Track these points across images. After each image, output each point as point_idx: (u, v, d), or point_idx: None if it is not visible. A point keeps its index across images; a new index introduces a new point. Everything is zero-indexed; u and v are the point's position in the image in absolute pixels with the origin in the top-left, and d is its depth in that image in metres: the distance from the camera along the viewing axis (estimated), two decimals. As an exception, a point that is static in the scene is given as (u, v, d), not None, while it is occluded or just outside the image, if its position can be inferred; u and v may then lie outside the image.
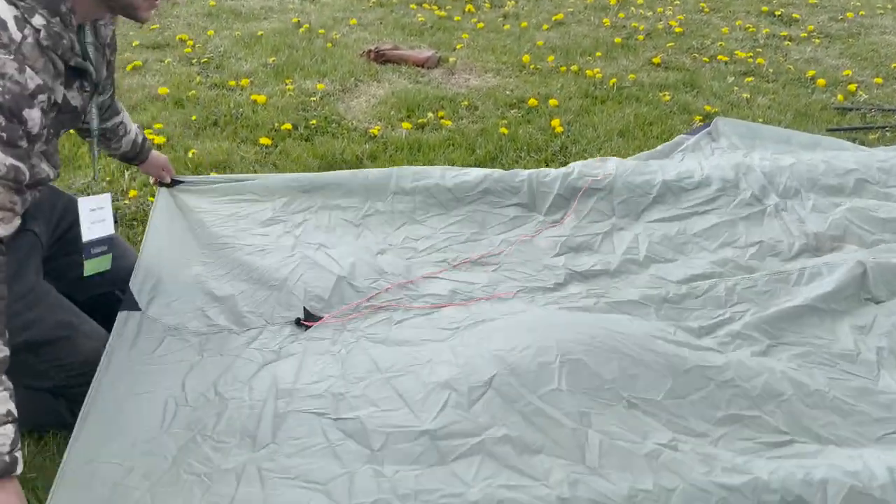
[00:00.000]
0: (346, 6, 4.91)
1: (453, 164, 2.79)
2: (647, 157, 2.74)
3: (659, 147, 2.82)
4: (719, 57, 4.13)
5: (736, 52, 4.22)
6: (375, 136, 3.02)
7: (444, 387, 1.53)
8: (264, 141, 2.88)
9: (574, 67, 3.86)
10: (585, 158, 2.85)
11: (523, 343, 1.62)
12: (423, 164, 2.77)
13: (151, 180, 2.13)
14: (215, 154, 2.77)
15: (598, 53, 4.10)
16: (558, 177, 2.40)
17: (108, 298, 1.71)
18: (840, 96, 3.59)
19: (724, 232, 2.31)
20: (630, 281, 2.10)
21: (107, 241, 1.67)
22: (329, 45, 4.09)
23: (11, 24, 1.18)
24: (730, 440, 1.51)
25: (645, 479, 1.37)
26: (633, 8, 5.06)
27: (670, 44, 4.30)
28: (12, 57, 1.17)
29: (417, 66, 3.81)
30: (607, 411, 1.52)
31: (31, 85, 1.21)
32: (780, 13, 5.04)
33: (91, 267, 1.65)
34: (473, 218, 2.29)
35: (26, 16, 1.21)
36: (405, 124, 3.09)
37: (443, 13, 4.76)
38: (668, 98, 3.51)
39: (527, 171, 2.43)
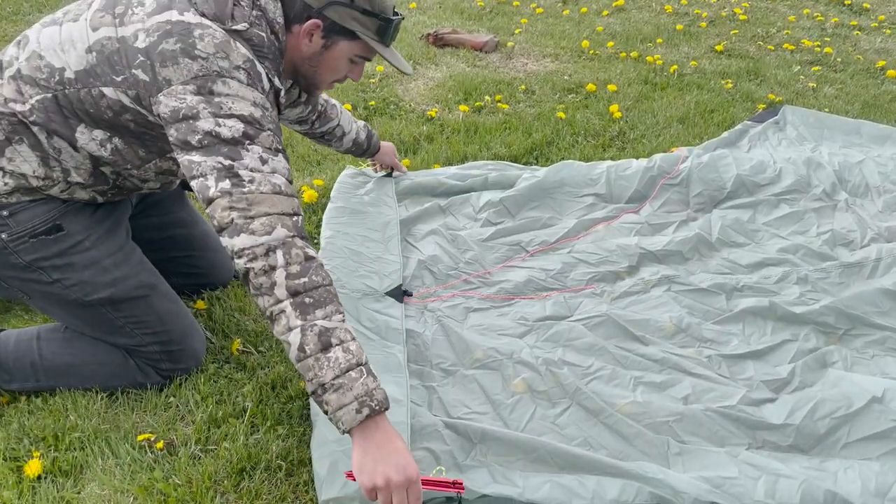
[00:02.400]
0: (405, -10, 4.94)
1: (510, 147, 2.79)
2: (714, 144, 2.71)
3: (724, 134, 2.78)
4: (785, 45, 4.02)
5: (803, 40, 4.10)
6: (433, 119, 3.04)
7: (530, 399, 1.61)
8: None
9: (634, 54, 3.81)
10: (643, 144, 2.84)
11: (597, 366, 1.70)
12: (479, 147, 2.79)
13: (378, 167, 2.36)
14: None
15: (659, 40, 4.03)
16: (639, 170, 2.42)
17: (181, 260, 1.82)
18: (912, 87, 3.47)
19: (796, 221, 2.30)
20: (702, 264, 2.11)
21: None
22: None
23: (265, 78, 1.35)
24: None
25: (729, 469, 1.40)
26: (696, -6, 4.96)
27: (734, 31, 4.21)
28: (268, 99, 1.34)
29: (476, 49, 3.82)
30: (686, 420, 1.55)
31: (276, 123, 1.36)
32: (849, 2, 4.87)
33: None
34: (550, 205, 2.32)
35: (269, 76, 1.37)
36: (462, 107, 3.11)
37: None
38: (730, 86, 3.44)
39: (605, 164, 2.46)
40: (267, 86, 1.34)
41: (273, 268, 1.21)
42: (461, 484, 1.26)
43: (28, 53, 1.36)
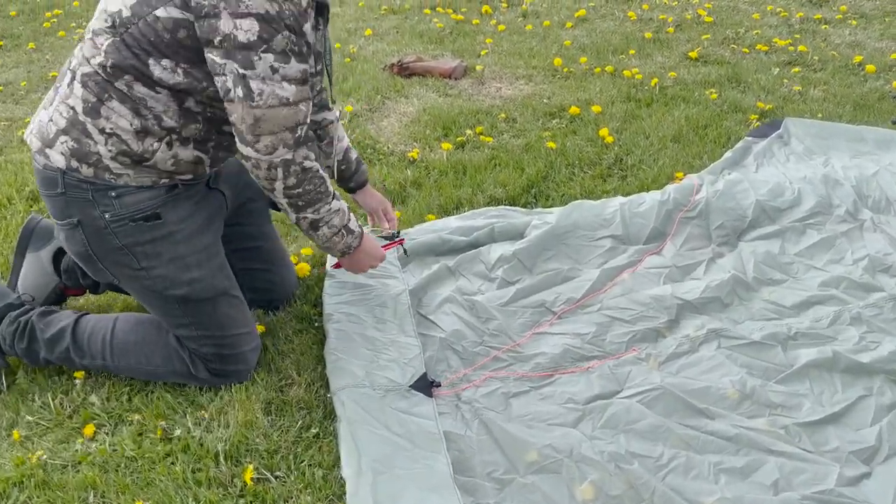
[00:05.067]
0: (357, 16, 4.69)
1: (504, 187, 2.59)
2: (720, 166, 2.56)
3: (728, 154, 2.63)
4: (758, 46, 3.92)
5: (774, 39, 4.01)
6: (415, 160, 2.81)
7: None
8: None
9: (609, 68, 3.65)
10: (644, 171, 2.67)
11: (668, 454, 1.51)
12: (472, 190, 2.57)
13: (367, 225, 2.08)
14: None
15: (632, 51, 3.89)
16: (654, 205, 2.24)
17: (258, 274, 1.89)
18: (895, 83, 3.39)
19: (828, 248, 2.15)
20: (745, 309, 1.95)
21: None
22: (347, 59, 3.88)
23: None
24: None
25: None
26: (655, -2, 4.84)
27: (705, 36, 4.09)
28: None
29: (444, 77, 3.60)
30: None
31: (304, 3, 1.37)
32: (808, -6, 4.83)
33: None
34: (566, 253, 2.11)
35: None
36: (444, 145, 2.89)
37: (459, 17, 4.54)
38: (715, 96, 3.31)
39: (617, 201, 2.28)
40: None
41: (273, 179, 1.46)
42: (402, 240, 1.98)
43: (97, 14, 1.43)
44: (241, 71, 1.33)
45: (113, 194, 1.48)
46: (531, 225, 2.22)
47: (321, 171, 1.53)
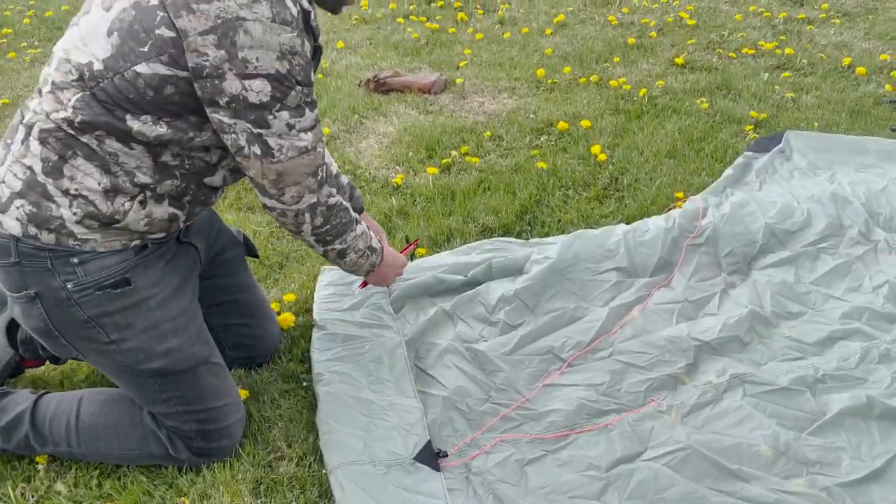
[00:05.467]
0: (327, 27, 4.50)
1: (497, 214, 2.44)
2: (722, 185, 2.44)
3: (728, 172, 2.51)
4: (745, 50, 3.81)
5: (760, 42, 3.91)
6: (399, 187, 2.65)
7: None
8: (276, 206, 2.49)
9: (594, 77, 3.52)
10: (641, 192, 2.54)
11: None
12: (463, 218, 2.42)
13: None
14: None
15: (616, 59, 3.76)
16: (658, 233, 2.10)
17: (238, 329, 1.74)
18: (889, 86, 3.30)
19: (844, 275, 2.03)
20: (765, 348, 1.82)
21: None
22: (320, 75, 3.69)
23: (290, 3, 1.22)
24: None
25: None
26: (635, 0, 4.72)
27: (690, 40, 3.97)
28: (296, 33, 1.22)
29: (423, 92, 3.44)
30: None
31: (309, 55, 1.30)
32: (788, -8, 4.75)
33: None
34: (570, 289, 1.97)
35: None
36: (430, 169, 2.73)
37: (435, 25, 4.38)
38: (706, 105, 3.19)
39: (620, 229, 2.14)
40: (295, 11, 1.23)
41: (301, 224, 1.44)
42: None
43: (56, 62, 1.28)
44: (256, 130, 1.27)
45: (75, 261, 1.32)
46: (531, 259, 2.07)
47: (344, 203, 1.50)
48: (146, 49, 1.20)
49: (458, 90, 3.48)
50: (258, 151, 1.29)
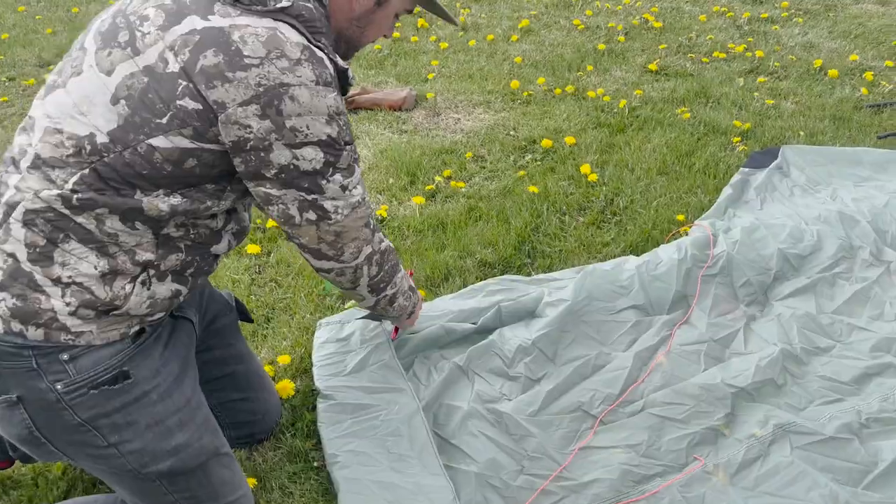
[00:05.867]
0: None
1: (494, 246, 2.29)
2: (724, 206, 2.36)
3: (728, 192, 2.43)
4: (716, 54, 3.76)
5: (729, 45, 3.86)
6: (385, 219, 2.47)
7: None
8: (253, 249, 2.30)
9: (570, 88, 3.40)
10: (639, 214, 2.44)
11: None
12: (456, 251, 2.27)
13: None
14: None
15: (589, 67, 3.65)
16: (671, 266, 2.01)
17: (237, 405, 1.57)
18: (864, 90, 3.28)
19: (864, 302, 1.97)
20: (801, 390, 1.75)
21: None
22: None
23: (327, 62, 1.15)
24: None
25: None
26: (597, 2, 4.63)
27: (661, 45, 3.90)
28: (337, 92, 1.16)
29: (394, 109, 3.26)
30: None
31: (343, 105, 1.20)
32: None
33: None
34: (588, 333, 1.85)
35: (330, 56, 1.19)
36: (416, 198, 2.56)
37: (396, 34, 4.20)
38: (688, 115, 3.11)
39: (632, 263, 2.04)
40: (332, 68, 1.15)
41: (358, 278, 1.38)
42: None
43: (41, 132, 1.10)
44: (311, 197, 1.19)
45: (65, 357, 1.14)
46: (543, 301, 1.94)
47: (390, 243, 1.46)
48: (164, 121, 1.06)
49: (430, 106, 3.31)
50: (313, 217, 1.21)
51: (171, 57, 1.05)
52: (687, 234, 2.27)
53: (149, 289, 1.17)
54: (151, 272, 1.17)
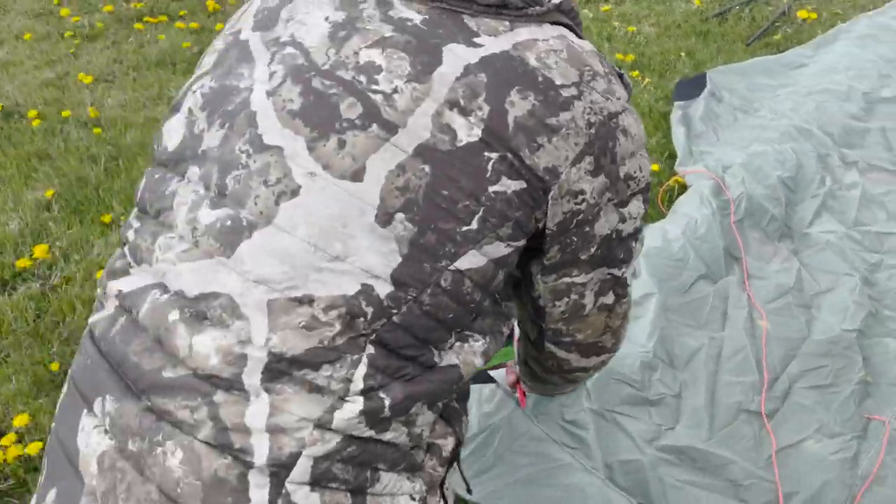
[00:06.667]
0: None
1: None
2: (686, 146, 2.29)
3: (680, 129, 2.36)
4: None
5: None
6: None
7: None
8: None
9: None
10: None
11: None
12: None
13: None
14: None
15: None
16: (709, 223, 1.93)
17: None
18: (696, 1, 3.43)
19: (869, 205, 2.09)
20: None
21: None
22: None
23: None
24: None
25: None
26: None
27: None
28: None
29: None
30: None
31: None
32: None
33: None
34: (679, 321, 1.73)
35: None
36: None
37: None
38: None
39: (675, 231, 1.94)
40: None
41: (597, 369, 1.09)
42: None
43: (260, 313, 0.68)
44: (619, 272, 0.89)
45: None
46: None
47: None
48: (474, 226, 0.70)
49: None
50: (610, 300, 0.91)
51: (457, 119, 0.69)
52: (680, 185, 2.18)
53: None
54: (448, 468, 0.85)
